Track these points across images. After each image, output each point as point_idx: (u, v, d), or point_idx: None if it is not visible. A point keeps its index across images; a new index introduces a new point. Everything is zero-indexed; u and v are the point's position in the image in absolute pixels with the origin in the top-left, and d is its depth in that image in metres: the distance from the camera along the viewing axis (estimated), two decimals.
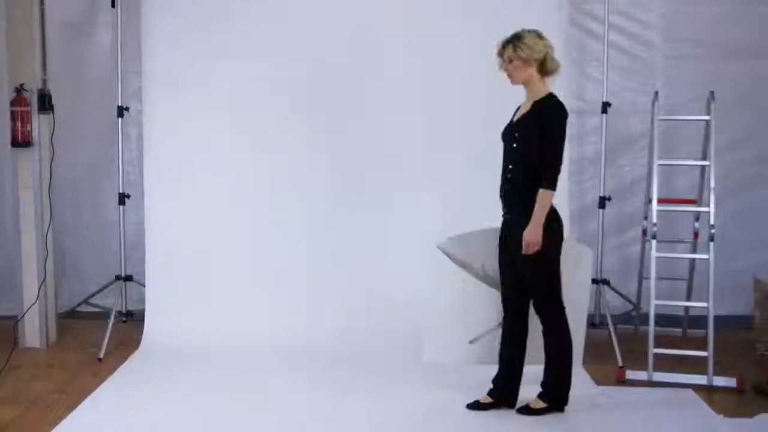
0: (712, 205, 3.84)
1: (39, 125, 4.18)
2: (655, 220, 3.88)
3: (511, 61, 3.27)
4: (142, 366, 3.94)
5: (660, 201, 3.93)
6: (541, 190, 3.18)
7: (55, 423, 3.20)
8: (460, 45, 4.17)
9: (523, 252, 3.17)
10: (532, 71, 3.25)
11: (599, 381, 3.75)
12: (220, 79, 4.29)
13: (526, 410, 3.33)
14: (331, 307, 3.70)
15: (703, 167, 4.17)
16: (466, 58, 4.14)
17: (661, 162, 3.99)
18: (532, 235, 3.14)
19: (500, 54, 3.32)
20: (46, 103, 4.21)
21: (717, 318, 3.80)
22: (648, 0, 4.62)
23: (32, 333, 4.22)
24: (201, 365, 3.89)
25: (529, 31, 3.26)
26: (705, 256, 3.84)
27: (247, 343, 4.07)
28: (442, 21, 4.20)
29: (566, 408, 3.37)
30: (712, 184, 3.88)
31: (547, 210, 3.17)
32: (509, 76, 3.32)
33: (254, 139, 4.29)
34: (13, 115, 4.10)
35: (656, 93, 4.12)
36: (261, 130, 4.27)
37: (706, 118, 3.99)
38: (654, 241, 3.86)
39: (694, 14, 4.60)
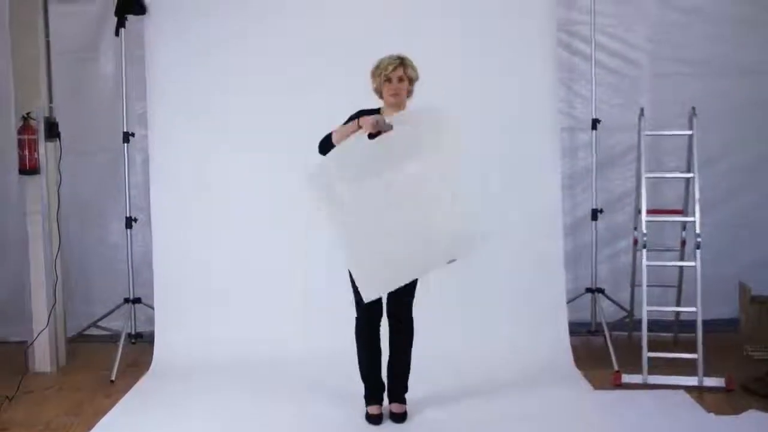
0: (697, 214, 4.01)
1: (46, 152, 4.25)
2: (644, 231, 4.05)
3: (402, 80, 3.33)
4: (154, 386, 4.00)
5: (649, 212, 4.10)
6: None
7: None
8: (451, 69, 4.29)
9: None
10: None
11: (597, 385, 3.89)
12: (224, 102, 4.39)
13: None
14: (341, 324, 3.80)
15: (687, 179, 4.35)
16: (455, 82, 4.27)
17: (648, 175, 4.17)
18: None
19: (392, 73, 3.31)
20: (52, 130, 4.28)
21: (706, 321, 3.96)
22: (633, 21, 4.81)
23: (42, 358, 4.27)
24: (211, 385, 3.95)
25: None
26: (692, 264, 4.01)
27: (256, 362, 4.14)
28: (434, 42, 4.31)
29: (564, 411, 3.56)
30: (697, 195, 4.04)
31: None
32: (396, 95, 3.33)
33: (259, 160, 4.38)
34: (21, 144, 4.16)
35: (642, 110, 4.28)
36: (266, 152, 4.36)
37: (689, 132, 4.17)
38: (644, 251, 4.03)
39: (677, 35, 4.79)
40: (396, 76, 3.34)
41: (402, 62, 3.35)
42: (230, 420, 3.56)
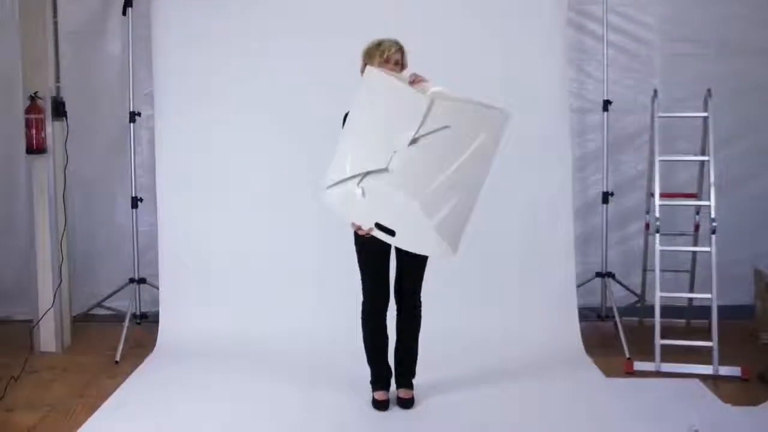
0: (712, 198, 3.95)
1: (53, 132, 4.23)
2: (657, 215, 3.98)
3: (398, 65, 3.31)
4: (159, 367, 3.98)
5: (661, 195, 4.03)
6: None
7: (77, 426, 3.24)
8: (460, 48, 4.25)
9: None
10: None
11: (608, 372, 3.81)
12: (232, 82, 4.35)
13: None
14: (344, 306, 3.77)
15: (702, 162, 4.28)
16: (464, 62, 4.21)
17: (662, 158, 4.09)
18: None
19: (391, 55, 3.28)
20: (59, 110, 4.27)
21: (720, 308, 3.88)
22: (645, 1, 4.72)
23: (48, 337, 4.26)
24: (216, 366, 3.92)
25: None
26: (707, 249, 3.94)
27: (261, 342, 4.11)
28: (442, 21, 4.30)
29: (576, 398, 3.49)
30: (712, 179, 3.97)
31: None
32: None
33: (267, 141, 4.35)
34: (28, 123, 4.14)
35: (655, 91, 4.20)
36: (274, 132, 4.33)
37: (704, 114, 4.09)
38: (658, 235, 3.96)
39: (690, 14, 4.69)
40: (394, 59, 3.32)
41: (400, 48, 3.35)
42: (235, 402, 3.52)
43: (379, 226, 3.08)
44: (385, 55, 3.31)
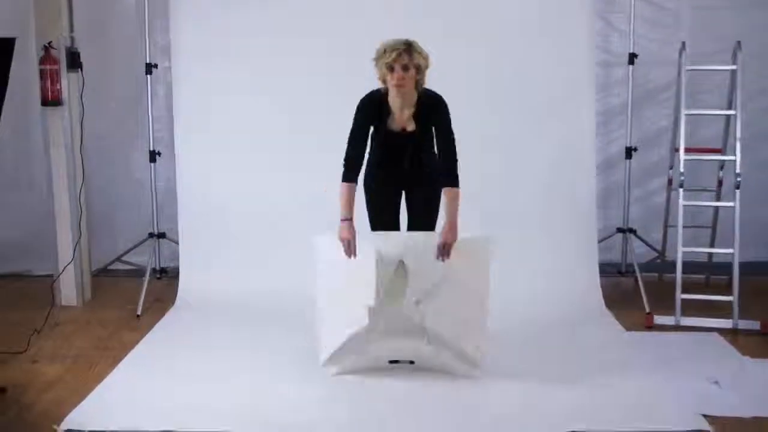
0: (738, 153, 3.91)
1: (68, 84, 4.16)
2: (682, 170, 3.95)
3: (408, 69, 2.96)
4: (179, 321, 4.00)
5: (686, 150, 3.99)
6: (453, 189, 3.14)
7: (101, 378, 3.26)
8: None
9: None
10: None
11: (628, 326, 3.84)
12: (251, 33, 4.27)
13: None
14: None
15: (728, 116, 4.22)
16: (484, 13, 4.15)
17: (688, 112, 4.03)
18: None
19: (394, 61, 2.94)
20: (74, 61, 4.18)
21: (740, 264, 3.88)
22: None
23: (68, 291, 4.27)
24: (236, 320, 3.94)
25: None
26: (731, 204, 3.93)
27: (280, 297, 4.07)
28: None
29: (597, 351, 3.50)
30: (738, 134, 3.93)
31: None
32: (399, 86, 2.98)
33: (287, 95, 4.28)
34: (43, 74, 4.06)
35: (683, 43, 4.13)
36: (294, 86, 4.26)
37: (733, 67, 4.03)
38: (681, 190, 3.94)
39: None
40: (400, 64, 2.94)
41: (408, 48, 2.96)
42: (256, 355, 3.52)
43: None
44: (386, 60, 2.95)
